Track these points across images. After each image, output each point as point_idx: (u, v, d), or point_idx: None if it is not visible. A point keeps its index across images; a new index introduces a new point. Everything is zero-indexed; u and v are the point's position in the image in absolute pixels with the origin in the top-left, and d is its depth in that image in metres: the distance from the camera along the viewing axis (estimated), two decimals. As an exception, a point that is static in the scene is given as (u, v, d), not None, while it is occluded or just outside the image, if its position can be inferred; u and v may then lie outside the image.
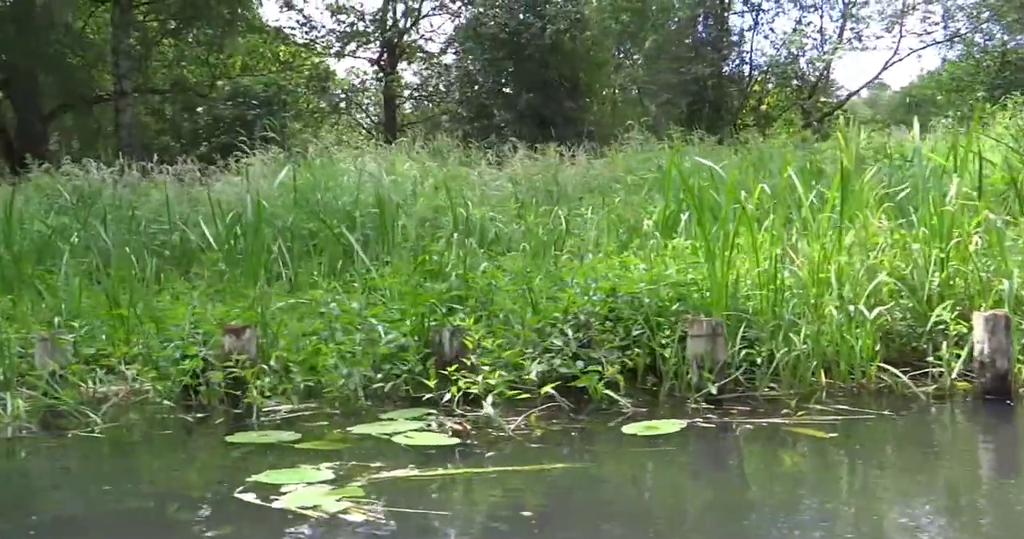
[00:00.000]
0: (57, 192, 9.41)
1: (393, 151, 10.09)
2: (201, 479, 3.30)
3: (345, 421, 3.79)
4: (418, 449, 3.29)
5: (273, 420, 3.91)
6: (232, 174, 10.95)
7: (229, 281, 5.80)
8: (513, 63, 22.88)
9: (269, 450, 3.38)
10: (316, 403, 4.17)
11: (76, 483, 3.37)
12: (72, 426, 3.97)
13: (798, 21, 24.88)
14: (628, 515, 2.68)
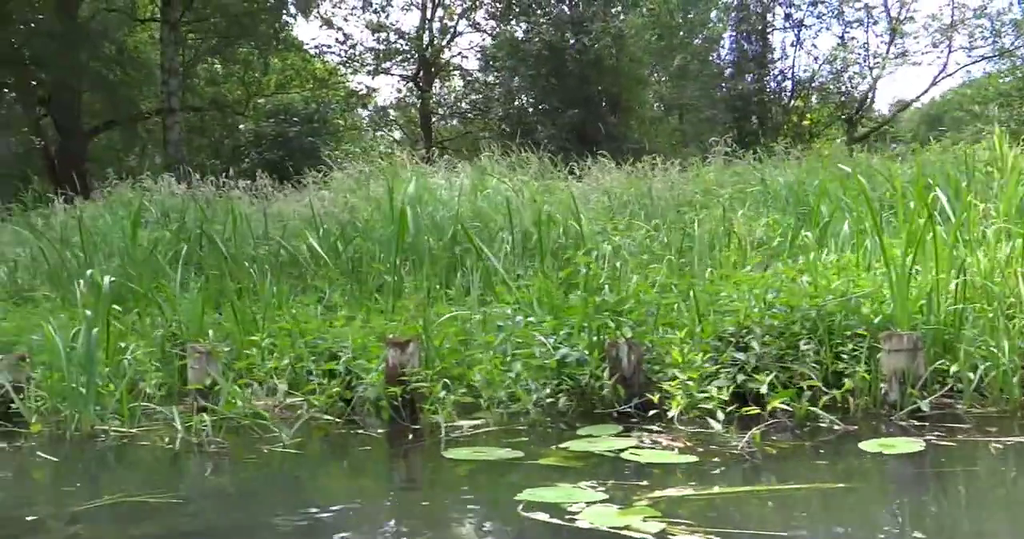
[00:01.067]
0: (143, 207, 9.35)
1: (473, 165, 10.01)
2: (465, 499, 3.10)
3: (542, 437, 3.65)
4: (659, 467, 3.13)
5: (462, 435, 3.78)
6: (298, 190, 10.95)
7: (359, 295, 5.69)
8: (556, 79, 22.91)
9: (496, 467, 3.23)
10: (483, 418, 4.05)
11: (345, 503, 3.17)
12: (251, 441, 3.86)
13: (841, 37, 24.79)
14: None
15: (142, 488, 3.21)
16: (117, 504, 2.95)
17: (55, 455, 3.81)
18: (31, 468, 3.70)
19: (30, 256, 8.31)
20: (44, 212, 10.95)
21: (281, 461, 3.61)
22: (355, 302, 6.07)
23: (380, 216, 8.09)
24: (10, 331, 5.54)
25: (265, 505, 3.09)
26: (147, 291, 5.85)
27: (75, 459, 3.84)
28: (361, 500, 3.14)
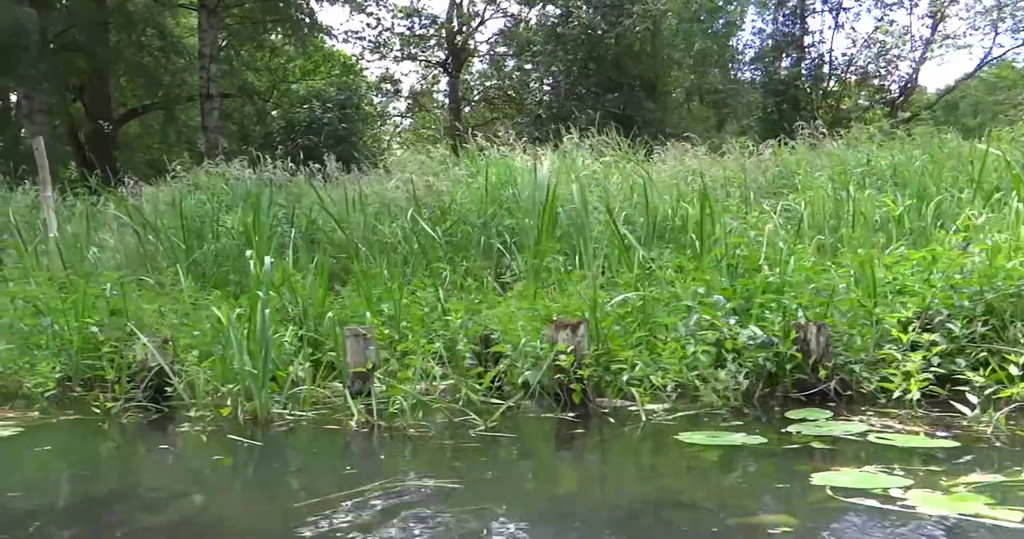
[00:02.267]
0: (221, 191, 9.27)
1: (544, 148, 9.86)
2: (765, 485, 2.90)
3: (747, 421, 3.55)
4: (926, 451, 2.98)
5: (664, 420, 3.67)
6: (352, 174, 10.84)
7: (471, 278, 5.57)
8: (595, 64, 22.72)
9: (755, 452, 3.09)
10: (664, 402, 3.95)
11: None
12: (437, 426, 3.77)
13: (880, 19, 24.48)
14: None
15: (420, 471, 3.10)
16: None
17: (252, 439, 3.70)
18: (259, 454, 3.57)
19: (120, 241, 8.22)
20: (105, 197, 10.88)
21: (502, 446, 3.49)
22: (480, 285, 5.98)
23: (471, 198, 7.99)
24: (146, 314, 5.45)
25: (577, 492, 2.97)
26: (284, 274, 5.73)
27: (289, 444, 3.72)
28: (672, 486, 2.97)
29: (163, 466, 3.62)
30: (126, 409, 4.33)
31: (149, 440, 4.03)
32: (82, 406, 4.65)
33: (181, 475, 3.45)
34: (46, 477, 3.43)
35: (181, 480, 3.36)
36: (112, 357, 4.84)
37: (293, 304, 5.52)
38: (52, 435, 4.07)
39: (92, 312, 5.41)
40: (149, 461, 3.73)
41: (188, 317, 5.32)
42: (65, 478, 3.41)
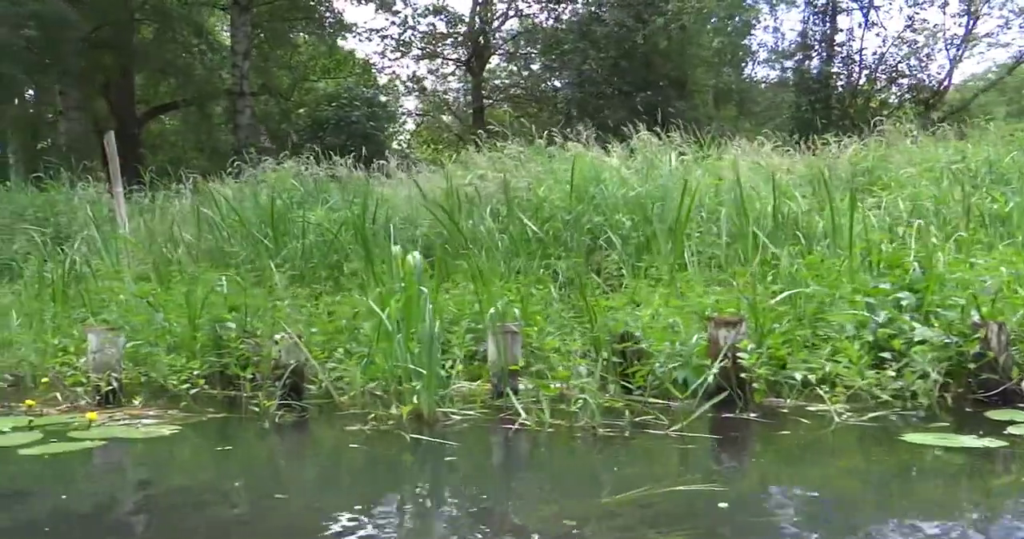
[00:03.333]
0: (292, 187, 9.15)
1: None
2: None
3: (933, 421, 3.45)
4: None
5: (848, 419, 3.57)
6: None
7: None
8: (626, 61, 22.61)
9: (996, 456, 3.00)
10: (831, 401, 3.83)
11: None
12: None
13: (911, 18, 24.32)
14: None
15: (669, 477, 3.00)
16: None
17: (443, 438, 3.59)
18: (481, 454, 3.50)
19: (196, 236, 8.11)
20: (168, 194, 10.80)
21: (726, 448, 3.43)
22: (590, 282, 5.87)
23: (555, 194, 7.87)
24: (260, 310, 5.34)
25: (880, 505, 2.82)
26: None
27: (494, 444, 3.64)
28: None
29: (399, 468, 3.49)
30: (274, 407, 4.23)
31: (332, 439, 3.91)
32: (217, 404, 4.55)
33: (433, 476, 3.34)
34: (280, 479, 3.34)
35: (446, 481, 3.24)
36: (244, 354, 4.75)
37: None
38: (218, 433, 4.00)
39: (208, 308, 5.30)
40: (370, 462, 3.57)
41: (312, 314, 5.22)
42: (317, 482, 3.28)
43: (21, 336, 5.57)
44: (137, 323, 5.42)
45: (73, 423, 4.07)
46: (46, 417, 4.26)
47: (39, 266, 7.39)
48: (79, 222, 9.48)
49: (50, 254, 8.01)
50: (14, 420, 4.16)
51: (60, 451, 3.57)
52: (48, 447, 3.61)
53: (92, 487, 3.27)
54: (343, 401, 4.18)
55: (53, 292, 6.54)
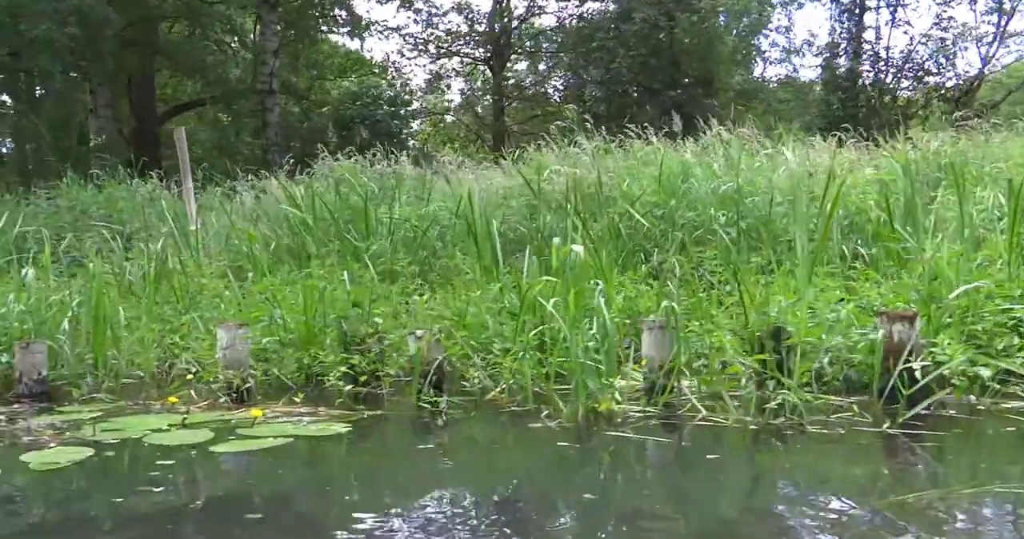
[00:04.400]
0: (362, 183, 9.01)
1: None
2: None
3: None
4: None
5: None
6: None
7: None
8: (656, 60, 22.53)
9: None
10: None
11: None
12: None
13: (938, 15, 24.26)
14: None
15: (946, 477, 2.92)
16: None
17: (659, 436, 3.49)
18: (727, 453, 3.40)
19: (270, 231, 8.00)
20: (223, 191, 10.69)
21: (943, 444, 3.31)
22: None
23: (641, 190, 7.75)
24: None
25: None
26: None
27: (716, 443, 3.53)
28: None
29: (637, 466, 3.38)
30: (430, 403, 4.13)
31: (529, 436, 3.76)
32: (358, 400, 4.44)
33: (685, 474, 3.24)
34: (535, 478, 3.22)
35: (704, 479, 3.14)
36: (384, 350, 4.64)
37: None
38: (397, 430, 3.92)
39: (331, 304, 5.20)
40: (591, 459, 3.46)
41: (448, 309, 5.10)
42: (588, 481, 3.16)
43: (138, 333, 5.44)
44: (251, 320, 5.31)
45: (231, 420, 3.96)
46: (193, 415, 4.15)
47: (120, 263, 7.29)
48: (142, 219, 9.37)
49: (122, 251, 7.92)
50: (166, 418, 4.05)
51: (251, 449, 3.47)
52: (231, 445, 3.51)
53: (348, 485, 3.19)
54: (503, 397, 4.07)
55: (146, 289, 6.43)
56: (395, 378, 4.61)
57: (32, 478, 3.27)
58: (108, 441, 3.63)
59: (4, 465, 3.49)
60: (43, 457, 3.42)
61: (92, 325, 5.26)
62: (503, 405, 4.08)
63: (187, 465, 3.40)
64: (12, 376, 5.07)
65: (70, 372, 5.20)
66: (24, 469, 3.32)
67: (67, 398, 4.97)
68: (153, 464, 3.31)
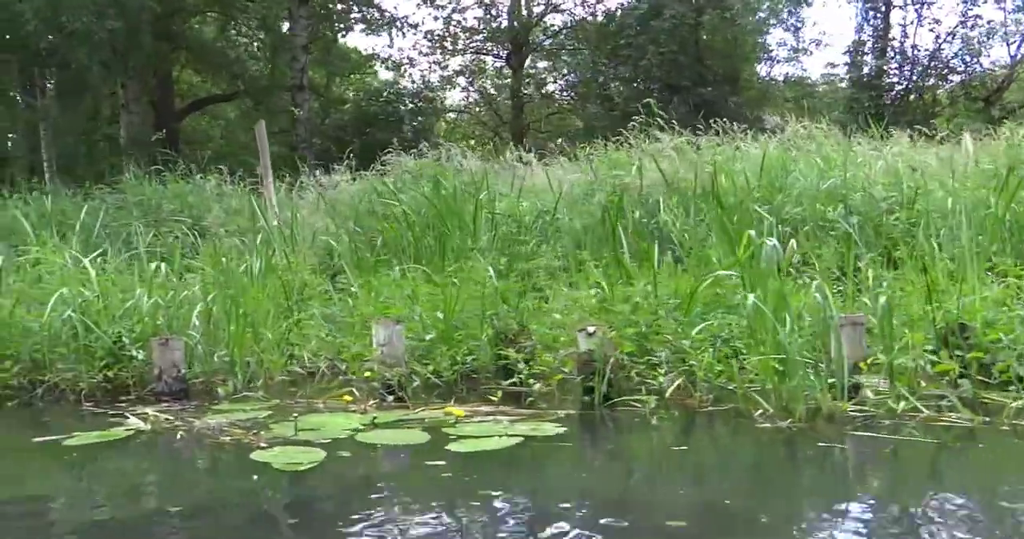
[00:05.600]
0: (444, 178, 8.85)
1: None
2: None
3: None
4: None
5: None
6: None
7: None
8: (685, 57, 22.43)
9: None
10: None
11: None
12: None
13: (964, 14, 24.21)
14: None
15: None
16: None
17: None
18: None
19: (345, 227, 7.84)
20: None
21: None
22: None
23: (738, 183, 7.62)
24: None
25: None
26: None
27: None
28: None
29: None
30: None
31: (766, 439, 3.62)
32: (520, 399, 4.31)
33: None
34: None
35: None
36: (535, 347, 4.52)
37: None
38: (615, 431, 3.79)
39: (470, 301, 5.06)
40: (864, 466, 3.36)
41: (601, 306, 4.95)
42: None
43: (269, 331, 5.28)
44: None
45: (424, 419, 3.82)
46: (370, 413, 4.00)
47: (216, 259, 7.12)
48: (214, 214, 9.19)
49: (202, 248, 7.74)
50: (348, 417, 3.90)
51: (487, 449, 3.35)
52: (462, 445, 3.36)
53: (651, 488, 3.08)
54: (698, 397, 3.93)
55: (254, 285, 6.25)
56: (557, 375, 4.46)
57: (289, 480, 3.14)
58: (319, 441, 3.49)
59: (243, 466, 3.32)
60: (278, 458, 3.27)
61: (228, 322, 5.10)
62: (694, 405, 3.94)
63: (461, 466, 3.24)
64: (148, 373, 4.92)
65: (204, 369, 5.04)
66: (268, 470, 3.19)
67: (207, 396, 4.83)
68: (413, 464, 3.19)
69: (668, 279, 5.17)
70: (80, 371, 4.93)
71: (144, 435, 3.82)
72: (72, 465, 3.58)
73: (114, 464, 3.66)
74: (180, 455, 3.71)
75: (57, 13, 13.16)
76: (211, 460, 3.62)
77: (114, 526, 2.76)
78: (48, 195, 9.60)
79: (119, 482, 3.37)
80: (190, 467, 3.61)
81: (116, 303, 5.30)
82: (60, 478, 3.47)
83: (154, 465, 3.65)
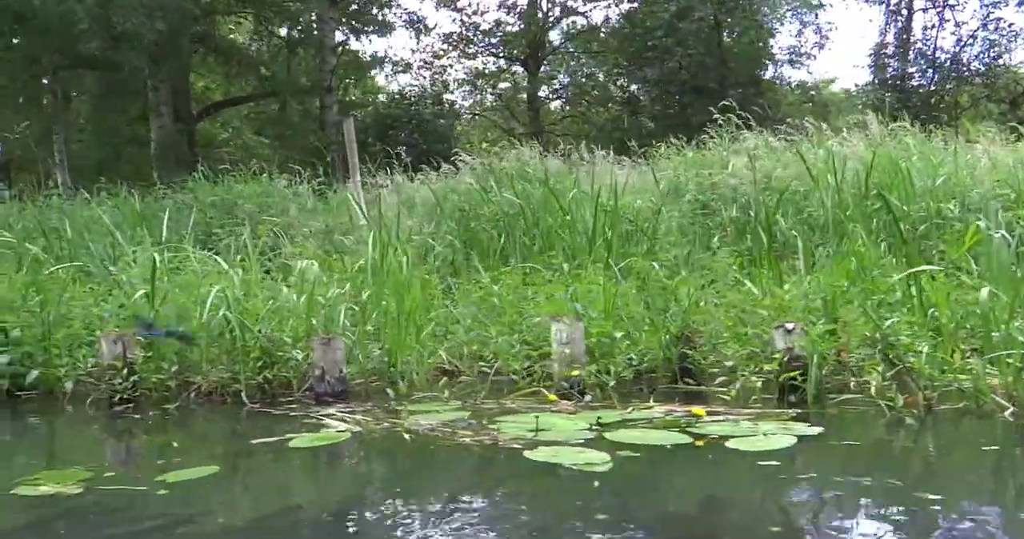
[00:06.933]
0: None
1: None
2: None
3: None
4: None
5: None
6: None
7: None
8: (711, 59, 22.41)
9: None
10: None
11: None
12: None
13: (986, 17, 24.33)
14: None
15: None
16: None
17: None
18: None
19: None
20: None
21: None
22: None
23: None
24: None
25: None
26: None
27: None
28: None
29: None
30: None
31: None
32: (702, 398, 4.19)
33: None
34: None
35: None
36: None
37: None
38: (865, 432, 3.65)
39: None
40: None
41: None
42: None
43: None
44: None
45: (651, 419, 3.68)
46: (585, 413, 3.87)
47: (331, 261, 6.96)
48: (291, 215, 9.03)
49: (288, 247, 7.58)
50: (569, 418, 3.76)
51: (771, 449, 3.23)
52: (744, 443, 3.26)
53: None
54: (922, 395, 3.81)
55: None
56: (751, 373, 4.33)
57: (625, 481, 3.01)
58: (572, 441, 3.34)
59: (533, 467, 3.16)
60: (557, 458, 3.14)
61: (385, 321, 4.95)
62: (917, 403, 3.81)
63: (814, 462, 3.12)
64: (306, 374, 4.77)
65: (360, 369, 4.90)
66: (572, 472, 3.04)
67: (366, 397, 4.68)
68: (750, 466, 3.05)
69: (831, 275, 5.05)
70: (237, 372, 4.77)
71: (362, 437, 3.66)
72: (328, 468, 3.44)
73: (377, 467, 3.51)
74: (435, 456, 3.46)
75: (108, 12, 12.97)
76: (486, 462, 3.37)
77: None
78: (127, 196, 9.43)
79: (419, 486, 3.14)
80: (471, 470, 3.37)
81: (258, 304, 5.14)
82: (336, 484, 3.28)
83: (422, 469, 3.41)
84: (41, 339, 5.28)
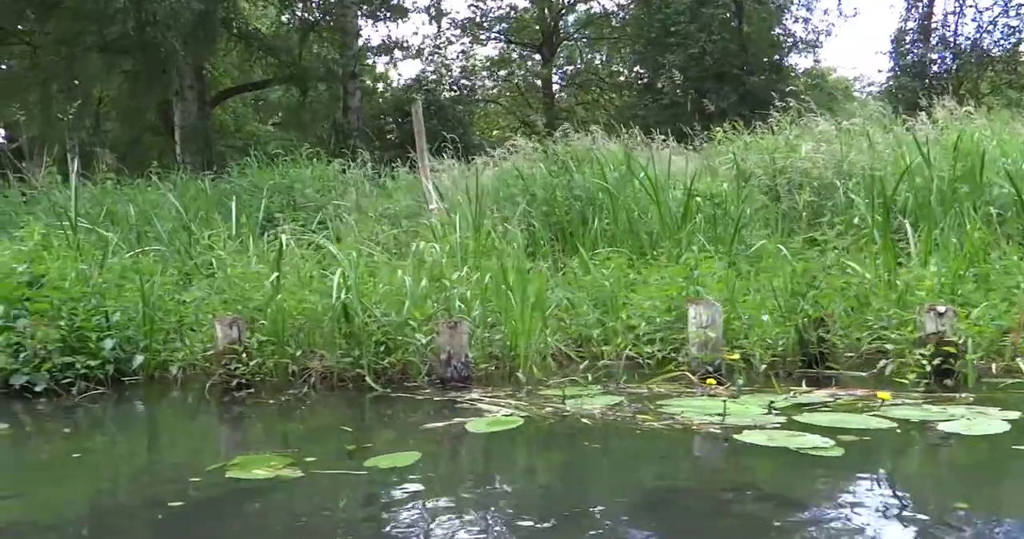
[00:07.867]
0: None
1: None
2: None
3: None
4: None
5: None
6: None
7: None
8: (736, 45, 22.29)
9: None
10: None
11: None
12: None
13: (1007, 3, 24.24)
14: None
15: None
16: None
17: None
18: None
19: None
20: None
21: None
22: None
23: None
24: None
25: None
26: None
27: None
28: None
29: None
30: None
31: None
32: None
33: None
34: None
35: None
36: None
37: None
38: None
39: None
40: None
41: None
42: None
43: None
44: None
45: (826, 404, 3.60)
46: (748, 397, 3.79)
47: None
48: (351, 199, 8.91)
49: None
50: (733, 402, 3.68)
51: (991, 433, 3.17)
52: (965, 426, 3.20)
53: None
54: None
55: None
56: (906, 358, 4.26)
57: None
58: (769, 426, 3.27)
59: (752, 452, 3.07)
60: (784, 442, 3.07)
61: (507, 305, 4.86)
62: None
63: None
64: (431, 359, 4.67)
65: (482, 353, 4.81)
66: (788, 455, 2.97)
67: (487, 382, 4.59)
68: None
69: (951, 259, 4.99)
70: (359, 356, 4.68)
71: (535, 422, 3.56)
72: (541, 452, 3.36)
73: (595, 452, 3.28)
74: (647, 441, 3.27)
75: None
76: (707, 446, 3.23)
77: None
78: (179, 180, 9.29)
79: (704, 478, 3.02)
80: (705, 456, 3.24)
81: (370, 287, 5.05)
82: (576, 467, 3.09)
83: (644, 453, 3.23)
84: (142, 323, 5.17)
